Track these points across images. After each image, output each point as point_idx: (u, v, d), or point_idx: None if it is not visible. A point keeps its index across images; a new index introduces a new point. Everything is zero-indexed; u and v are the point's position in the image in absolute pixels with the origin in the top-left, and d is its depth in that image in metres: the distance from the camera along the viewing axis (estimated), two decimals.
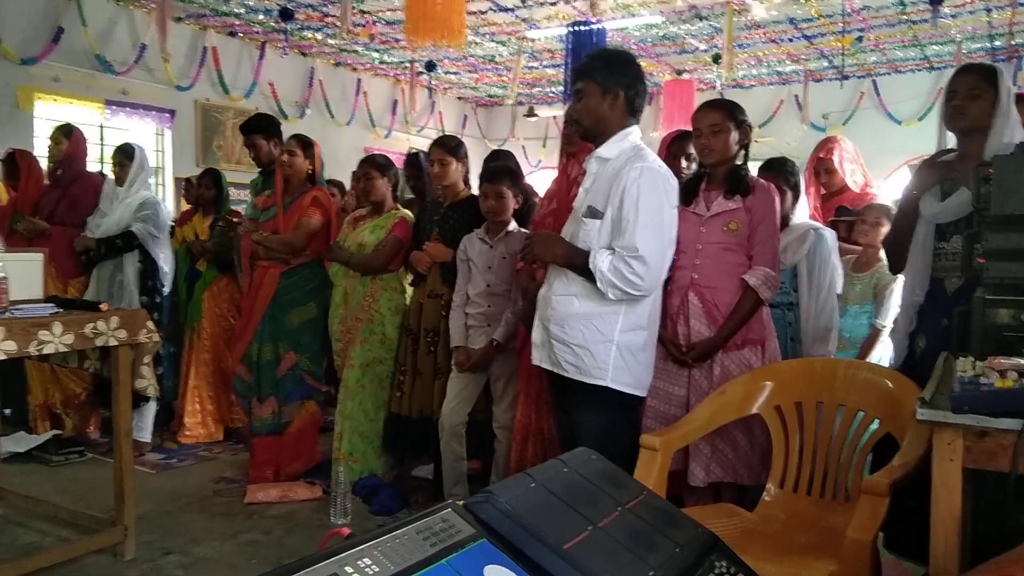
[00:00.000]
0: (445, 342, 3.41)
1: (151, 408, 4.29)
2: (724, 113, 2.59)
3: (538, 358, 2.45)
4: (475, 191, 3.62)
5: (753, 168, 2.73)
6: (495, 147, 10.98)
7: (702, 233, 2.57)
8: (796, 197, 3.00)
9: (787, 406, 2.35)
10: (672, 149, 3.11)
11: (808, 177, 3.74)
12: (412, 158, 4.09)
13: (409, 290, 3.80)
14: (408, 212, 3.77)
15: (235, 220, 4.19)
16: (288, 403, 3.74)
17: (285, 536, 3.19)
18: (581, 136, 2.57)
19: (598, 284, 2.24)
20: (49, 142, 4.37)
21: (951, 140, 2.44)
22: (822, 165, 3.85)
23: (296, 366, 3.75)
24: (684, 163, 3.08)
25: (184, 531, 3.22)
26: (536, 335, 2.46)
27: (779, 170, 2.99)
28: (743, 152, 2.64)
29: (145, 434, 4.28)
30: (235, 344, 3.91)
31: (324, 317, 3.81)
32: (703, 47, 8.46)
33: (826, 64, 9.11)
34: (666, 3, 7.04)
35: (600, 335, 2.29)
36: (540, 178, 10.24)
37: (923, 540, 1.57)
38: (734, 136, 2.58)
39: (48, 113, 6.54)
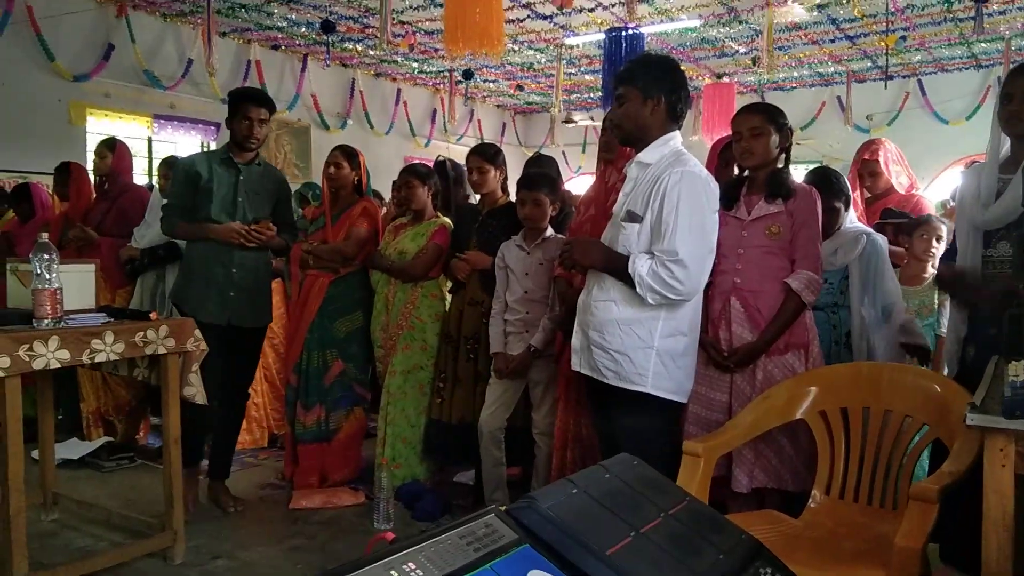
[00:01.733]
0: (485, 349, 3.43)
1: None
2: (764, 116, 2.57)
3: (577, 364, 2.45)
4: (513, 198, 3.64)
5: (797, 172, 2.70)
6: (533, 154, 11.03)
7: (744, 237, 2.55)
8: (847, 206, 2.96)
9: (832, 411, 2.31)
10: (724, 156, 3.06)
11: (852, 180, 3.68)
12: (439, 166, 4.12)
13: (449, 297, 3.83)
14: (448, 220, 3.80)
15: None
16: (336, 410, 3.79)
17: (329, 541, 3.23)
18: (621, 142, 2.55)
19: (637, 289, 2.23)
20: (94, 157, 4.50)
21: (1007, 140, 2.34)
22: (866, 168, 3.79)
23: (344, 374, 3.80)
24: (736, 170, 3.04)
25: (231, 536, 3.28)
26: (575, 341, 2.46)
27: (826, 184, 2.91)
28: (784, 155, 2.62)
29: None
30: (287, 352, 3.98)
31: (369, 325, 3.86)
32: (743, 50, 8.39)
33: (869, 64, 8.97)
34: (705, 6, 7.00)
35: (640, 341, 2.28)
36: (580, 184, 10.23)
37: (976, 550, 1.54)
38: (775, 139, 2.56)
39: (99, 128, 6.74)
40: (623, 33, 6.50)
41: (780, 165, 2.61)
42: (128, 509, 3.43)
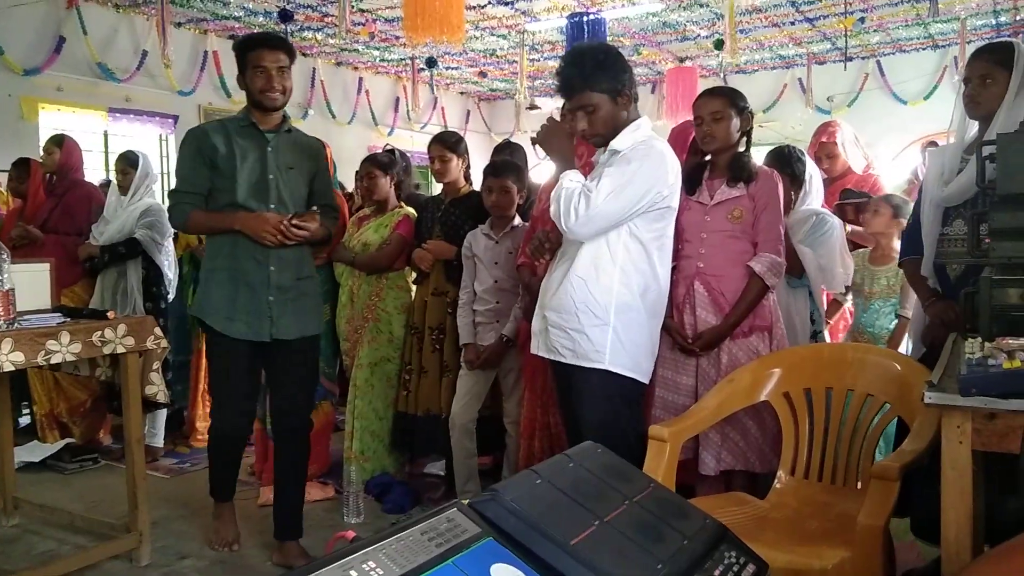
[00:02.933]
0: (450, 340, 3.42)
1: (162, 414, 4.31)
2: (725, 100, 2.57)
3: (536, 346, 2.45)
4: (476, 187, 3.62)
5: (759, 154, 2.71)
6: (501, 140, 10.99)
7: (706, 222, 2.56)
8: (800, 186, 2.99)
9: (796, 392, 2.34)
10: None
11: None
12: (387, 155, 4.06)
13: (414, 288, 3.80)
14: (412, 210, 3.76)
15: None
16: None
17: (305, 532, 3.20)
18: (597, 145, 2.44)
19: (552, 192, 2.28)
20: (42, 154, 4.39)
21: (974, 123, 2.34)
22: (824, 150, 3.83)
23: None
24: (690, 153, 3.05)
25: (199, 535, 3.23)
26: (535, 324, 2.45)
27: (784, 162, 2.97)
28: (745, 139, 2.63)
29: (157, 439, 4.30)
30: None
31: (335, 318, 3.82)
32: (705, 34, 8.42)
33: (829, 46, 9.05)
34: None
35: (595, 319, 2.28)
36: (545, 171, 10.21)
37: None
38: (735, 123, 2.57)
39: (52, 122, 6.57)
40: (584, 18, 6.47)
41: (741, 149, 2.61)
42: (92, 511, 3.37)
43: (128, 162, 4.20)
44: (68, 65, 6.68)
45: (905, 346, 3.03)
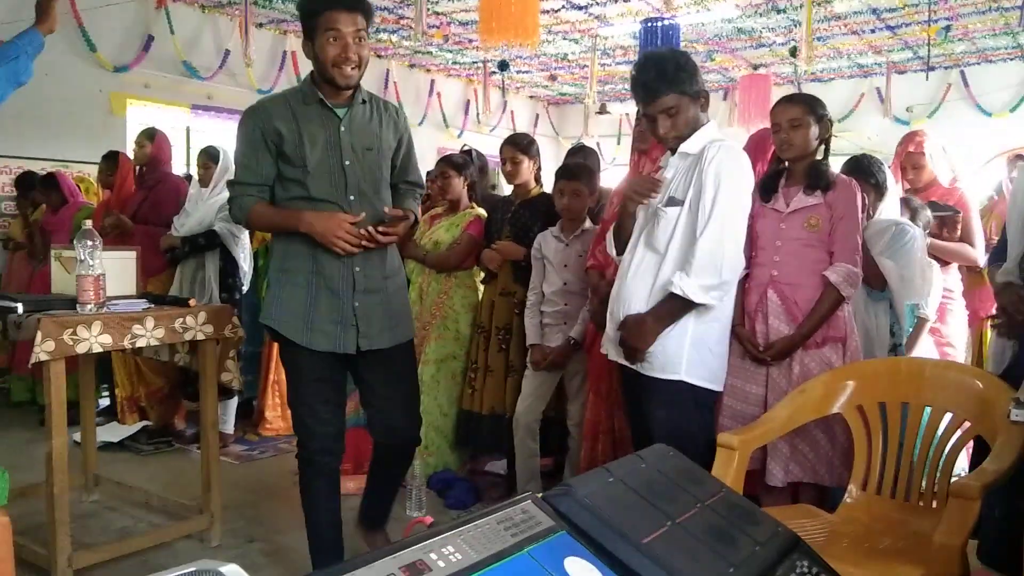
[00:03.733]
0: (516, 340, 3.44)
1: (233, 402, 4.44)
2: (804, 107, 2.53)
3: (612, 353, 2.45)
4: (547, 189, 3.64)
5: (835, 164, 2.66)
6: (569, 145, 11.01)
7: (781, 230, 2.52)
8: (880, 196, 2.93)
9: (870, 406, 2.28)
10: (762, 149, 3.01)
11: (894, 172, 3.62)
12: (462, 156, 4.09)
13: (481, 288, 3.83)
14: (482, 211, 3.80)
15: None
16: None
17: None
18: (674, 148, 2.41)
19: (695, 300, 2.21)
20: (134, 146, 4.56)
21: None
22: (910, 160, 3.72)
23: None
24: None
25: (267, 520, 3.33)
26: (608, 330, 2.45)
27: (863, 171, 2.92)
28: (823, 147, 2.58)
29: (228, 426, 4.43)
30: None
31: None
32: (780, 40, 8.27)
33: (911, 55, 8.79)
34: None
35: (673, 329, 2.27)
36: (615, 175, 10.18)
37: (1015, 550, 1.51)
38: (814, 131, 2.52)
39: (138, 117, 6.83)
40: (659, 24, 6.44)
41: (819, 157, 2.57)
42: (166, 492, 3.49)
43: (210, 156, 4.34)
44: (155, 63, 6.94)
45: (920, 348, 2.93)
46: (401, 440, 2.60)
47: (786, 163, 2.61)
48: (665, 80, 2.28)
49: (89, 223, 2.77)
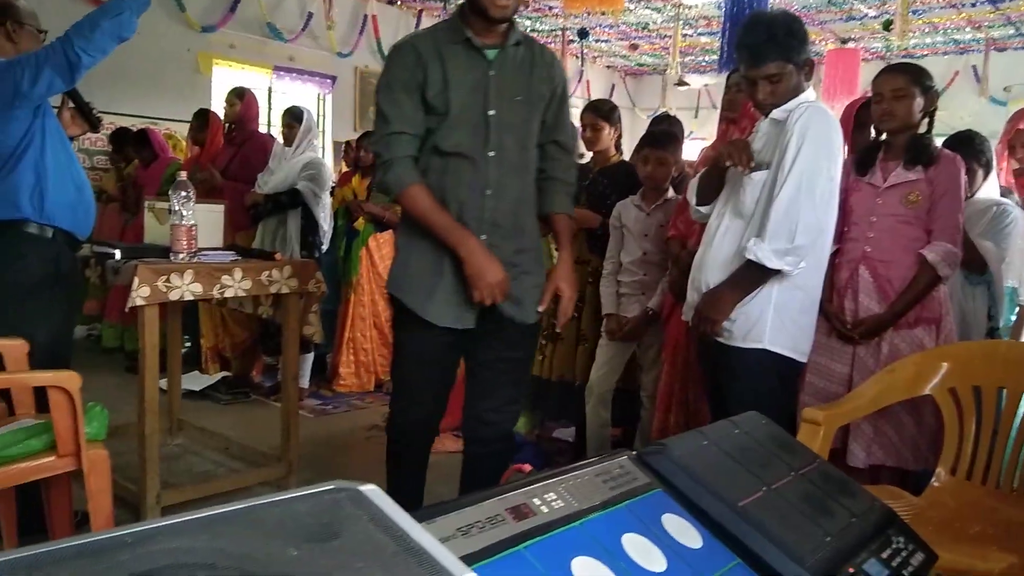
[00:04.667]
0: (589, 309, 3.42)
1: (309, 357, 4.55)
2: (909, 77, 2.43)
3: (690, 318, 2.40)
4: (626, 157, 3.58)
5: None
6: (645, 116, 10.85)
7: (878, 205, 2.44)
8: (987, 175, 2.81)
9: (964, 389, 2.20)
10: (860, 117, 2.90)
11: (1000, 152, 3.45)
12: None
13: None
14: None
15: None
16: None
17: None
18: (767, 114, 2.31)
19: (770, 265, 2.10)
20: (224, 104, 4.67)
21: None
22: (1019, 138, 3.54)
23: None
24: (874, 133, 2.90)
25: (340, 473, 3.40)
26: (689, 297, 2.40)
27: (968, 146, 2.79)
28: (927, 120, 2.48)
29: (304, 380, 4.54)
30: None
31: None
32: (873, 13, 7.96)
33: (1012, 32, 8.37)
34: None
35: (755, 298, 2.20)
36: (691, 149, 10.00)
37: None
38: (919, 103, 2.42)
39: (224, 77, 7.00)
40: None
41: (922, 130, 2.47)
42: (244, 440, 3.61)
43: (293, 116, 4.42)
44: (240, 24, 7.08)
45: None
46: (492, 438, 2.27)
47: (884, 135, 2.52)
48: (775, 45, 2.17)
49: (183, 175, 2.85)
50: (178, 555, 0.54)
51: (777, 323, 2.20)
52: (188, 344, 4.76)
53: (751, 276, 2.17)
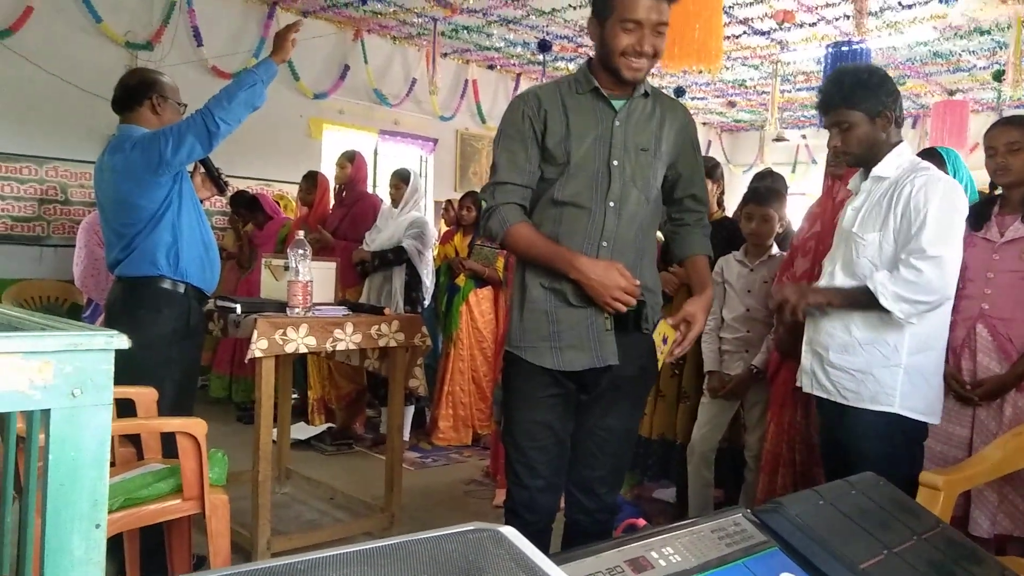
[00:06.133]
0: (690, 365, 3.39)
1: (410, 410, 4.66)
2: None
3: (809, 385, 2.33)
4: (728, 213, 3.58)
5: None
6: (740, 172, 10.77)
7: (994, 260, 2.37)
8: None
9: None
10: None
11: None
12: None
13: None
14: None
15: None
16: None
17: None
18: (851, 164, 2.38)
19: (882, 302, 2.06)
20: (335, 167, 4.92)
21: None
22: None
23: None
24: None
25: (441, 525, 3.40)
26: (805, 361, 2.34)
27: None
28: None
29: (403, 433, 4.64)
30: (496, 355, 4.13)
31: None
32: (982, 64, 7.73)
33: None
34: (940, 17, 6.52)
35: (884, 359, 2.13)
36: (791, 204, 9.84)
37: None
38: None
39: (332, 141, 7.36)
40: (846, 48, 6.20)
41: None
42: (347, 490, 3.71)
43: (401, 177, 4.62)
44: (349, 90, 7.46)
45: None
46: (595, 505, 2.13)
47: (999, 189, 2.45)
48: (840, 94, 2.20)
49: (300, 233, 3.02)
50: None
51: (909, 386, 2.12)
52: (296, 396, 4.95)
53: (860, 300, 2.13)
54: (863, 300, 2.12)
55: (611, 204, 1.98)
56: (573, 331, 1.98)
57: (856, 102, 2.19)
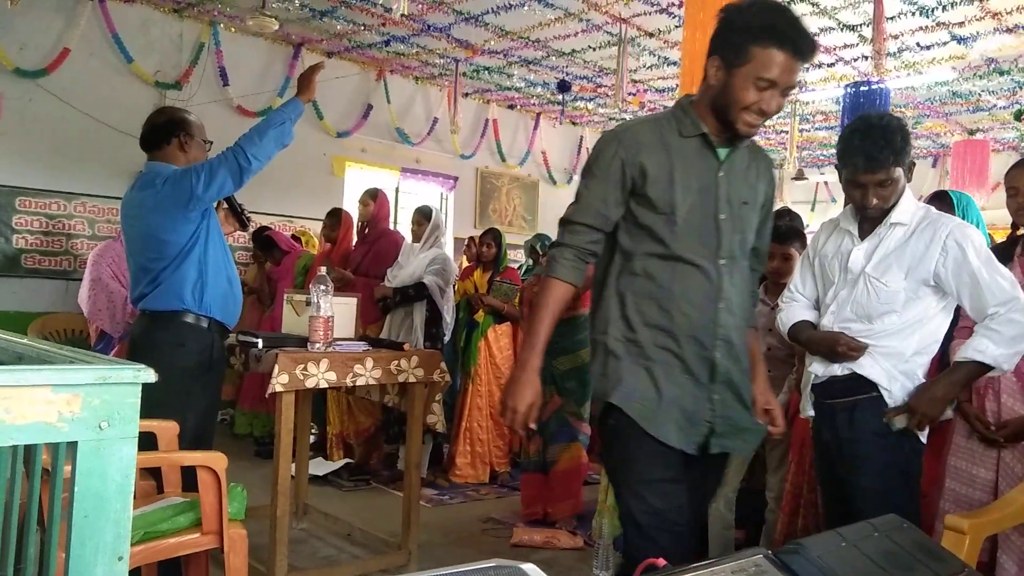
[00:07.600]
0: None
1: (427, 446, 4.65)
2: None
3: None
4: None
5: None
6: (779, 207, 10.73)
7: None
8: None
9: None
10: None
11: None
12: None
13: None
14: None
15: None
16: (554, 443, 3.93)
17: None
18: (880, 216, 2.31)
19: (1006, 369, 2.13)
20: (358, 204, 4.98)
21: None
22: None
23: (561, 409, 3.93)
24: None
25: (458, 562, 3.38)
26: (810, 369, 2.37)
27: None
28: None
29: (421, 469, 4.63)
30: None
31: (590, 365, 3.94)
32: (1003, 103, 7.72)
33: None
34: (959, 58, 6.54)
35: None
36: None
37: None
38: None
39: (355, 179, 7.46)
40: (865, 88, 6.22)
41: None
42: (364, 526, 3.69)
43: (423, 215, 4.67)
44: (372, 129, 7.57)
45: None
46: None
47: (1022, 230, 2.44)
48: (892, 152, 2.16)
49: (323, 270, 3.05)
50: None
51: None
52: (315, 431, 4.96)
53: (971, 374, 2.17)
54: (974, 375, 2.17)
55: (722, 262, 1.85)
56: (672, 402, 1.84)
57: (903, 159, 2.20)
